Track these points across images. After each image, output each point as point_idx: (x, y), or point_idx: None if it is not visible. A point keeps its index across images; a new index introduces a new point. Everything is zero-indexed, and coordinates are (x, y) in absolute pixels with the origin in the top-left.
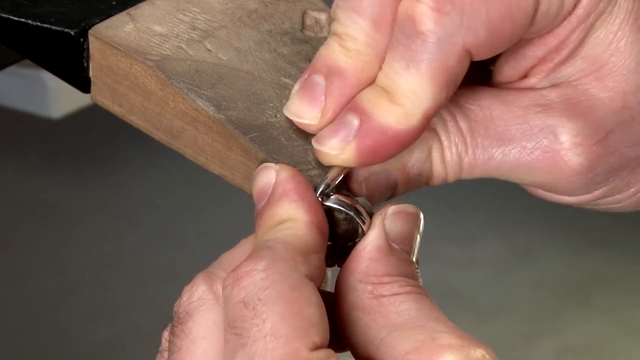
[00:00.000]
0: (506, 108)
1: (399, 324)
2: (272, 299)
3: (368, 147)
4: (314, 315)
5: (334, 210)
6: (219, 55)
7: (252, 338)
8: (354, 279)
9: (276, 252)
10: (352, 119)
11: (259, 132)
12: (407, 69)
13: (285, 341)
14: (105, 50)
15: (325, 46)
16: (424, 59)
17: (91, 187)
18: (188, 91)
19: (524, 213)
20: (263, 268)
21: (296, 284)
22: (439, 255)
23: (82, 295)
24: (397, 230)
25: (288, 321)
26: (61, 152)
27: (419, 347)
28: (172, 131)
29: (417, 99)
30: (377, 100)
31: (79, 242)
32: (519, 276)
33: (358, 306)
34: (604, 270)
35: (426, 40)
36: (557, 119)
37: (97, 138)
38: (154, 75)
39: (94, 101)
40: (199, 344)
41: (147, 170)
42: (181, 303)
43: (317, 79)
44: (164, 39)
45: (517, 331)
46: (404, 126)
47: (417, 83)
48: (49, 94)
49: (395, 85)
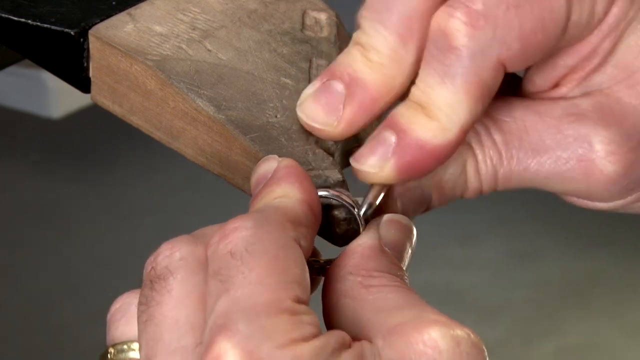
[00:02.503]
0: (539, 118)
1: (387, 307)
2: (259, 252)
3: (407, 164)
4: (300, 275)
5: (333, 208)
6: (219, 55)
7: (236, 284)
8: (344, 272)
9: (266, 214)
10: (388, 135)
11: (259, 132)
12: (442, 83)
13: (270, 290)
14: (105, 50)
15: (347, 54)
16: (459, 73)
17: (91, 187)
18: (188, 91)
19: (523, 213)
20: (251, 226)
21: (284, 244)
22: (439, 256)
23: (83, 296)
24: (390, 237)
25: (274, 274)
26: (61, 152)
27: (406, 322)
28: (172, 131)
29: (453, 113)
30: (413, 116)
31: (79, 242)
32: (519, 276)
33: (347, 294)
34: (604, 271)
35: (460, 55)
36: (590, 127)
37: (97, 138)
38: (154, 75)
39: (94, 101)
40: (181, 300)
41: (147, 170)
42: (158, 260)
43: (336, 85)
44: (164, 39)
45: (516, 331)
46: (441, 141)
47: (453, 97)
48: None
49: (430, 100)
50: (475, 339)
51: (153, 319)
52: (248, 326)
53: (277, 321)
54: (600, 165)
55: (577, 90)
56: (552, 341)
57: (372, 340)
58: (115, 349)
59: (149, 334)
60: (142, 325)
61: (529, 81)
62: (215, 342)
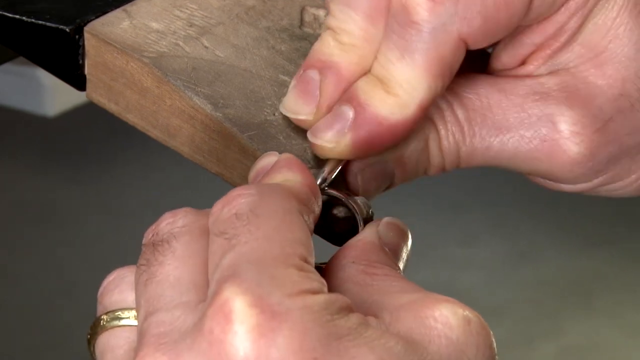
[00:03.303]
0: (504, 96)
1: (393, 290)
2: (266, 213)
3: (363, 139)
4: (306, 239)
5: (332, 207)
6: (216, 52)
7: (243, 240)
8: (345, 261)
9: (269, 185)
10: (346, 110)
11: (257, 130)
12: (402, 58)
13: (279, 245)
14: (100, 47)
15: (320, 41)
16: (418, 48)
17: (88, 186)
18: (185, 89)
19: (524, 213)
20: (255, 192)
21: (289, 210)
22: (439, 256)
23: (81, 296)
24: (388, 238)
25: (281, 232)
26: (57, 150)
27: (416, 300)
28: (168, 129)
29: (411, 89)
30: (372, 91)
31: (76, 242)
32: (519, 276)
33: (349, 280)
34: (605, 270)
35: (420, 30)
36: (555, 107)
37: (93, 136)
38: (150, 73)
39: (90, 99)
40: (184, 260)
41: (144, 169)
42: (161, 227)
43: (311, 74)
44: (160, 36)
45: (517, 332)
46: (399, 117)
47: (412, 73)
48: (44, 92)
49: (389, 75)
50: (484, 322)
51: (154, 277)
52: (257, 274)
53: (286, 272)
54: (564, 146)
55: (544, 68)
56: (553, 341)
57: (379, 316)
58: (109, 315)
59: (150, 293)
60: (142, 286)
61: (496, 58)
62: (223, 288)
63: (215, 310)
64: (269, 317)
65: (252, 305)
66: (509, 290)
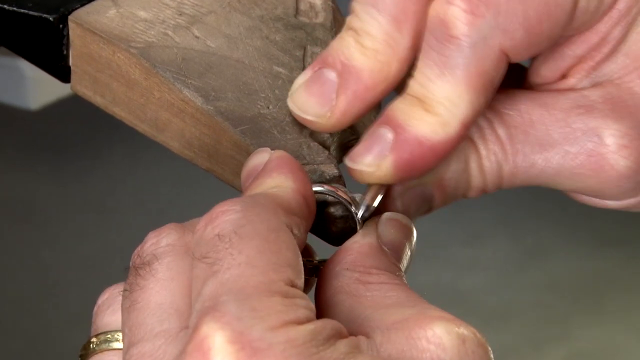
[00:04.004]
0: (546, 111)
1: (386, 304)
2: (249, 234)
3: (405, 161)
4: (293, 259)
5: (329, 206)
6: (207, 42)
7: (225, 266)
8: (340, 268)
9: (256, 198)
10: (385, 132)
11: (250, 124)
12: (441, 75)
13: (261, 271)
14: (86, 37)
15: (340, 40)
16: (459, 64)
17: (72, 183)
18: (174, 81)
19: (532, 210)
20: (240, 208)
21: (275, 227)
22: (442, 255)
23: (64, 299)
24: (389, 237)
25: (265, 256)
26: (40, 145)
27: (408, 318)
28: (157, 123)
29: (453, 106)
30: (411, 111)
31: (59, 242)
32: (527, 278)
33: (342, 290)
34: (618, 272)
35: (460, 44)
36: (601, 120)
37: (78, 131)
38: (138, 64)
39: (75, 91)
40: (165, 284)
41: (131, 166)
42: (144, 249)
43: (328, 74)
44: (148, 25)
45: (524, 336)
46: (441, 136)
47: (453, 90)
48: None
49: (429, 93)
50: (481, 339)
51: (136, 304)
52: (238, 307)
53: (269, 302)
54: (612, 160)
55: (586, 81)
56: (563, 347)
57: (370, 336)
58: (99, 338)
59: (132, 321)
60: (125, 313)
61: (535, 72)
62: (202, 323)
63: (194, 347)
64: (249, 354)
65: (232, 342)
66: (516, 292)
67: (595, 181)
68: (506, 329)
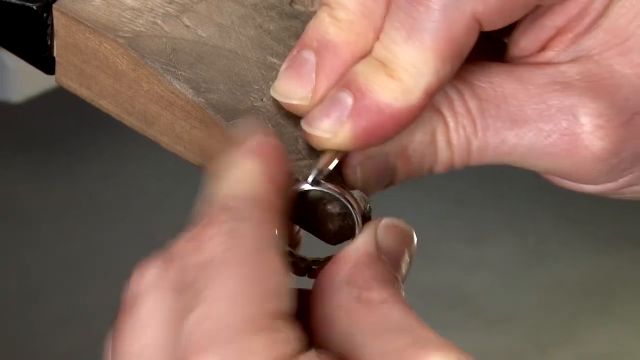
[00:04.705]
0: (521, 86)
1: (384, 328)
2: (232, 261)
3: (364, 128)
4: (279, 283)
5: (326, 202)
6: (198, 31)
7: (205, 301)
8: (339, 280)
9: (239, 213)
10: (345, 96)
11: (243, 117)
12: (408, 39)
13: (243, 305)
14: (71, 26)
15: (315, 18)
16: (427, 28)
17: (56, 180)
18: (164, 72)
19: (537, 209)
20: (225, 232)
21: (260, 247)
22: (443, 256)
23: (47, 301)
24: (387, 243)
25: (248, 285)
26: (22, 140)
27: (403, 348)
28: (146, 117)
29: (417, 73)
30: (373, 75)
31: (43, 241)
32: (532, 279)
33: (341, 307)
34: (627, 273)
35: (431, 7)
36: (577, 98)
37: (63, 125)
38: (125, 54)
39: (59, 83)
40: (143, 330)
41: (118, 161)
42: (129, 290)
43: (306, 55)
44: (136, 14)
45: (529, 340)
46: (403, 103)
47: (419, 55)
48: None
49: (394, 57)
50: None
51: (120, 350)
52: (222, 349)
53: (254, 341)
54: (587, 141)
55: (565, 55)
56: (570, 351)
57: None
58: None
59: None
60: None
61: (513, 44)
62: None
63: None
64: None
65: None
66: (520, 293)
67: (569, 162)
68: (510, 332)
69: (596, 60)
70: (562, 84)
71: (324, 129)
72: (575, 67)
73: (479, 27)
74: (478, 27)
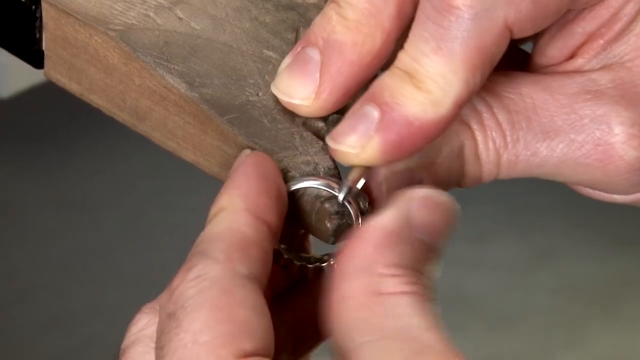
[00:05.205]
0: (550, 96)
1: (389, 332)
2: (196, 306)
3: (392, 142)
4: (248, 319)
5: (324, 201)
6: (191, 24)
7: (172, 349)
8: (357, 264)
9: (209, 255)
10: (370, 110)
11: (238, 112)
12: (438, 50)
13: (208, 349)
14: (60, 18)
15: (322, 15)
16: (458, 37)
17: (45, 176)
18: (156, 66)
19: (543, 208)
20: (193, 277)
21: (227, 287)
22: (446, 255)
23: (35, 302)
24: (422, 219)
25: (213, 328)
26: (10, 136)
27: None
28: (138, 112)
29: (447, 84)
30: (400, 87)
31: (30, 240)
32: (538, 280)
33: (353, 295)
34: (635, 274)
35: (462, 16)
36: (610, 107)
37: (52, 120)
38: (116, 48)
39: (48, 78)
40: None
41: (109, 158)
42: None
43: (311, 52)
44: (128, 6)
45: (534, 343)
46: (432, 116)
47: (448, 66)
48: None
49: (422, 68)
50: None
51: None
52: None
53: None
54: (620, 151)
55: (595, 62)
56: (576, 354)
57: None
58: None
59: None
60: None
61: (541, 52)
62: None
63: None
64: None
65: None
66: (525, 295)
67: (602, 173)
68: (514, 335)
69: (628, 67)
70: (593, 93)
71: (350, 144)
72: (606, 74)
73: (510, 35)
74: (509, 35)
